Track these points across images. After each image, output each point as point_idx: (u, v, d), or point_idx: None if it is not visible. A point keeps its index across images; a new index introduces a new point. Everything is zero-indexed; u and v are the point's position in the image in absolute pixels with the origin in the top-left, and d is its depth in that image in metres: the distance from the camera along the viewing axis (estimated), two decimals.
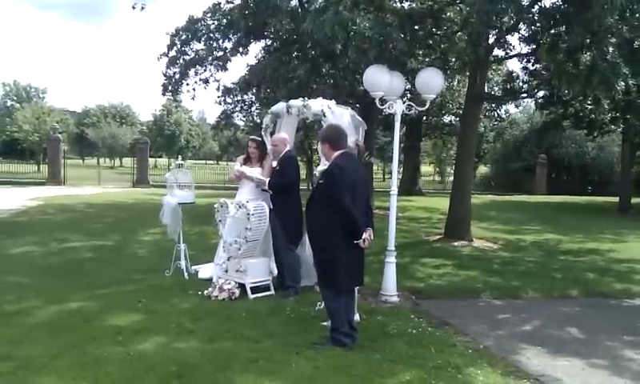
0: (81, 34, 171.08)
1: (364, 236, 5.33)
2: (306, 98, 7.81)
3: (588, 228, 15.91)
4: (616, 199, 23.23)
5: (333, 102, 7.72)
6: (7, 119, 63.98)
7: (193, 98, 19.38)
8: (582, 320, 6.96)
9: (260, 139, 8.11)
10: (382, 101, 7.56)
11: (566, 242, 13.30)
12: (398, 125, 7.71)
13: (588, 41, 9.13)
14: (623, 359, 5.59)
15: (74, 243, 10.79)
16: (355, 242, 5.29)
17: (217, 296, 6.92)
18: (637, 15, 9.21)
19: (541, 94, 14.11)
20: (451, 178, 26.59)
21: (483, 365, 5.14)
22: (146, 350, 5.12)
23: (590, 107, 17.27)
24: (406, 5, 14.48)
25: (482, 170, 40.66)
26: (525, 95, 14.79)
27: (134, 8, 14.06)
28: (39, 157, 49.95)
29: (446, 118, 28.29)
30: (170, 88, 17.66)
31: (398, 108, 7.51)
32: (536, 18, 10.27)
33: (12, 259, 9.18)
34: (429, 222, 16.23)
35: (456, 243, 12.02)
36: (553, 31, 10.06)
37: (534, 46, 11.28)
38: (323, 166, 6.28)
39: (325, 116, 7.27)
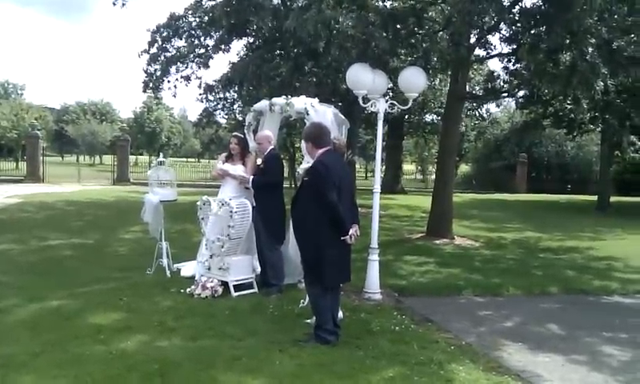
0: (59, 30, 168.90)
1: (350, 232, 5.36)
2: (289, 96, 7.81)
3: (567, 226, 16.12)
4: (595, 198, 23.57)
5: (316, 100, 7.74)
6: None
7: (174, 96, 19.22)
8: (562, 317, 7.05)
9: (242, 136, 8.07)
10: (365, 99, 7.58)
11: (546, 239, 13.47)
12: (380, 123, 7.74)
13: (568, 41, 9.25)
14: (602, 355, 5.68)
15: (53, 241, 10.67)
16: (342, 237, 5.32)
17: (199, 294, 6.89)
18: (615, 16, 9.36)
19: (521, 93, 14.27)
20: (433, 177, 26.81)
21: (465, 361, 5.19)
22: (127, 348, 5.08)
23: (569, 107, 17.51)
24: (388, 4, 14.54)
25: (464, 168, 40.97)
26: (506, 95, 14.95)
27: (114, 4, 13.95)
28: (18, 154, 49.17)
29: (428, 117, 28.45)
30: (150, 85, 17.50)
31: (380, 106, 7.54)
32: (517, 18, 10.38)
33: None
34: (411, 221, 16.32)
35: (438, 241, 12.12)
36: (533, 31, 10.18)
37: (515, 46, 11.41)
38: (307, 163, 6.30)
39: (308, 114, 7.28)
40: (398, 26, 12.02)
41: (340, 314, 6.26)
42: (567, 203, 25.31)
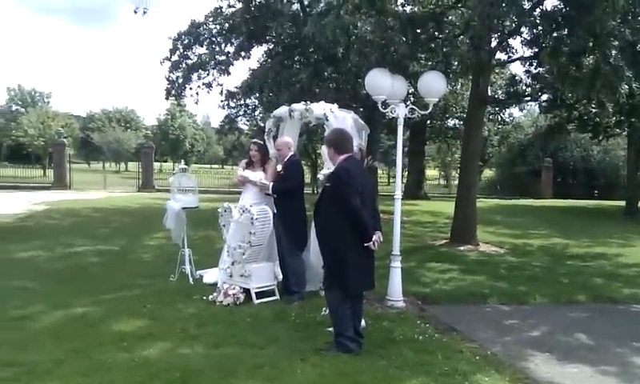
0: (84, 38, 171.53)
1: (374, 238, 5.32)
2: (309, 102, 7.80)
3: (595, 232, 15.81)
4: (622, 203, 23.09)
5: (335, 105, 7.72)
6: (12, 124, 63.99)
7: (196, 103, 19.43)
8: (590, 326, 6.89)
9: (261, 142, 8.08)
10: (384, 104, 7.53)
11: (573, 246, 13.20)
12: (400, 128, 7.67)
13: (590, 44, 9.08)
14: (633, 366, 5.52)
15: (79, 248, 10.79)
16: (365, 244, 5.28)
17: (221, 301, 6.89)
18: (639, 18, 9.16)
19: (544, 97, 14.07)
20: (456, 182, 26.59)
21: (491, 372, 5.09)
22: (150, 355, 5.10)
23: (594, 111, 17.21)
24: (407, 9, 14.49)
25: (487, 173, 40.57)
26: (528, 99, 14.74)
27: (135, 12, 14.14)
28: (45, 161, 50.04)
29: (450, 122, 28.24)
30: (173, 92, 17.69)
31: (400, 112, 7.47)
32: (538, 21, 10.22)
33: (18, 264, 9.19)
34: (434, 227, 16.17)
35: (462, 248, 11.96)
36: (555, 34, 10.01)
37: (537, 50, 11.24)
38: (327, 169, 6.27)
39: (327, 120, 7.27)
40: (418, 31, 11.97)
41: (362, 323, 6.21)
42: (594, 208, 24.86)
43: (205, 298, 7.08)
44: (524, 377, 5.10)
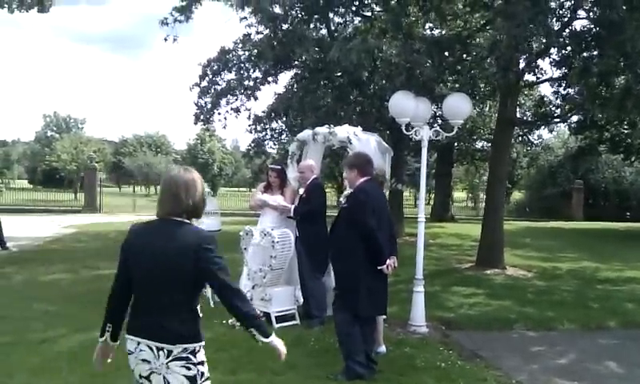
0: (119, 66, 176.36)
1: (388, 262, 5.24)
2: (332, 125, 7.78)
3: (627, 256, 15.33)
4: None
5: (359, 128, 7.69)
6: (47, 149, 65.83)
7: (224, 127, 19.82)
8: (621, 353, 6.64)
9: (280, 167, 8.06)
10: (409, 127, 7.47)
11: (604, 270, 12.82)
12: (424, 151, 7.59)
13: (621, 64, 8.89)
14: None
15: (104, 271, 10.82)
16: (379, 267, 5.20)
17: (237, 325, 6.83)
18: None
19: (574, 118, 13.83)
20: (484, 204, 26.23)
21: None
22: None
23: (626, 131, 16.85)
24: (435, 32, 14.46)
25: (517, 195, 39.96)
26: (558, 120, 14.51)
27: (165, 40, 14.35)
28: (76, 185, 51.09)
29: (478, 144, 27.93)
30: (201, 117, 17.90)
31: (424, 134, 7.40)
32: (567, 41, 10.07)
33: (42, 286, 9.28)
34: (460, 249, 15.90)
35: (488, 271, 11.71)
36: (584, 55, 9.84)
37: (566, 70, 11.07)
38: (348, 191, 6.22)
39: (351, 143, 7.23)
40: (445, 53, 11.91)
41: (383, 348, 6.09)
42: (626, 231, 24.17)
43: (225, 322, 7.00)
44: None
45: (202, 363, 2.93)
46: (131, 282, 3.01)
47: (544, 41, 9.76)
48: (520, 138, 26.39)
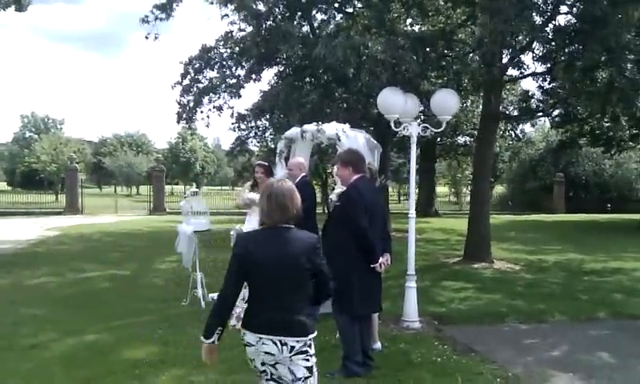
0: (97, 65, 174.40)
1: (380, 260, 5.24)
2: (320, 123, 7.75)
3: (610, 246, 15.57)
4: (637, 216, 22.81)
5: (347, 125, 7.65)
6: (26, 150, 64.85)
7: (207, 126, 19.63)
8: (613, 344, 6.70)
9: (266, 164, 7.97)
10: (397, 123, 7.46)
11: (589, 261, 12.99)
12: (414, 147, 7.58)
13: (605, 58, 8.97)
14: None
15: (90, 273, 10.73)
16: (372, 265, 5.20)
17: (234, 325, 6.76)
18: None
19: (556, 112, 13.94)
20: (467, 199, 26.34)
21: None
22: None
23: (607, 125, 17.04)
24: (416, 28, 14.47)
25: (499, 189, 40.29)
26: (541, 114, 14.62)
27: (147, 38, 14.21)
28: (57, 187, 50.44)
29: (461, 139, 28.09)
30: (184, 116, 17.71)
31: (413, 130, 7.39)
32: (550, 36, 10.14)
33: (29, 290, 9.13)
34: (447, 244, 16.00)
35: (476, 265, 11.79)
36: (568, 49, 9.92)
37: (549, 65, 11.15)
38: (340, 189, 6.19)
39: (339, 140, 7.19)
40: (428, 49, 11.93)
41: (378, 345, 6.09)
42: (608, 222, 24.55)
43: None
44: None
45: (314, 355, 3.30)
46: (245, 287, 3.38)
47: (528, 36, 9.80)
48: (508, 133, 26.55)
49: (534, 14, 9.76)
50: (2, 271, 10.69)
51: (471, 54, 12.79)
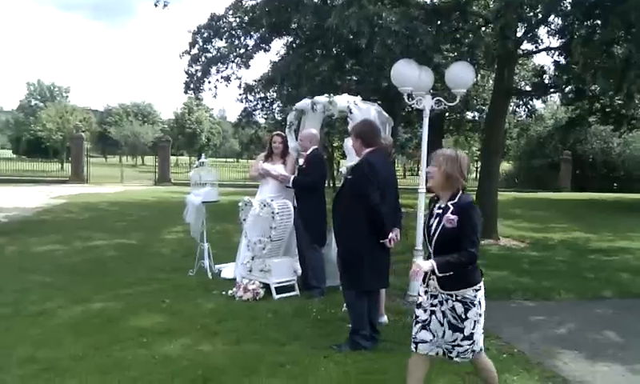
0: (103, 33, 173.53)
1: (390, 235, 5.20)
2: (332, 95, 7.65)
3: (616, 225, 15.49)
4: None
5: (358, 97, 7.56)
6: (31, 118, 64.82)
7: (214, 96, 19.37)
8: (619, 323, 6.68)
9: (284, 134, 7.92)
10: (410, 96, 7.36)
11: (595, 240, 12.93)
12: (426, 120, 7.49)
13: (624, 33, 8.78)
14: None
15: (97, 242, 10.76)
16: (381, 240, 5.16)
17: (241, 296, 6.79)
18: None
19: (569, 88, 13.73)
20: (473, 175, 26.22)
21: (519, 370, 4.95)
22: (170, 352, 5.01)
23: (619, 102, 16.80)
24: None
25: (505, 166, 40.08)
26: (554, 90, 14.43)
27: (156, 5, 14.02)
28: (62, 155, 50.49)
29: (470, 114, 27.81)
30: (191, 86, 17.54)
31: (427, 103, 7.30)
32: (569, 9, 9.92)
33: (36, 258, 9.15)
34: None
35: (482, 242, 11.65)
36: (587, 23, 9.71)
37: (565, 40, 10.94)
38: (351, 162, 6.13)
39: (351, 112, 7.11)
40: (441, 22, 11.73)
41: (385, 319, 6.10)
42: (614, 201, 24.41)
43: (224, 292, 6.99)
44: (553, 375, 4.95)
45: None
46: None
47: (546, 8, 9.56)
48: (520, 108, 26.20)
49: None
50: (9, 238, 10.73)
51: (483, 28, 12.56)
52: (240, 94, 18.82)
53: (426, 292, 3.95)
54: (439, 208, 3.84)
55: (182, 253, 9.54)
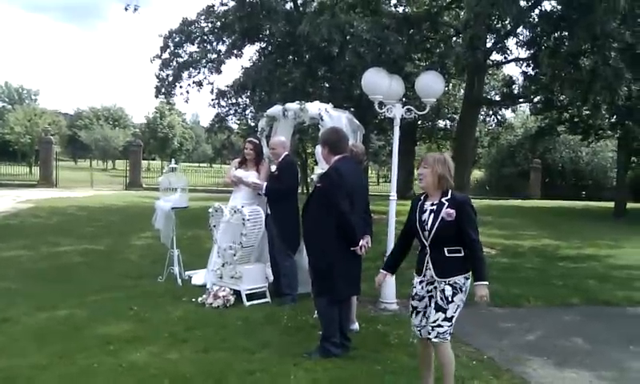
0: (73, 36, 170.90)
1: (361, 243, 5.20)
2: (303, 102, 7.65)
3: (584, 233, 15.76)
4: (611, 204, 23.16)
5: (330, 105, 7.58)
6: None
7: (186, 101, 19.38)
8: (586, 329, 6.79)
9: (257, 141, 7.87)
10: (381, 104, 7.39)
11: (564, 247, 13.12)
12: (397, 129, 7.54)
13: (590, 45, 8.98)
14: (631, 371, 5.42)
15: (64, 247, 10.55)
16: (352, 248, 5.15)
17: (211, 303, 6.72)
18: (639, 20, 9.07)
19: (538, 98, 13.98)
20: None
21: (488, 377, 4.99)
22: (137, 360, 4.92)
23: (587, 113, 17.15)
24: (401, 9, 14.35)
25: (477, 174, 40.60)
26: (522, 100, 14.67)
27: (126, 9, 13.93)
28: (31, 159, 49.52)
29: (441, 123, 28.14)
30: (162, 90, 17.45)
31: (397, 112, 7.34)
32: (536, 21, 10.11)
33: (1, 263, 8.94)
34: None
35: None
36: (554, 35, 9.90)
37: (533, 51, 11.14)
38: (321, 169, 6.12)
39: (322, 119, 7.13)
40: (412, 31, 11.85)
41: (356, 326, 6.09)
42: (583, 210, 24.88)
43: (194, 299, 6.90)
44: (522, 382, 5.00)
45: None
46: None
47: (514, 20, 9.75)
48: (489, 118, 26.59)
49: None
50: None
51: (455, 38, 12.74)
52: (212, 100, 18.77)
53: (420, 282, 4.32)
54: (432, 205, 4.22)
55: (151, 259, 9.41)
